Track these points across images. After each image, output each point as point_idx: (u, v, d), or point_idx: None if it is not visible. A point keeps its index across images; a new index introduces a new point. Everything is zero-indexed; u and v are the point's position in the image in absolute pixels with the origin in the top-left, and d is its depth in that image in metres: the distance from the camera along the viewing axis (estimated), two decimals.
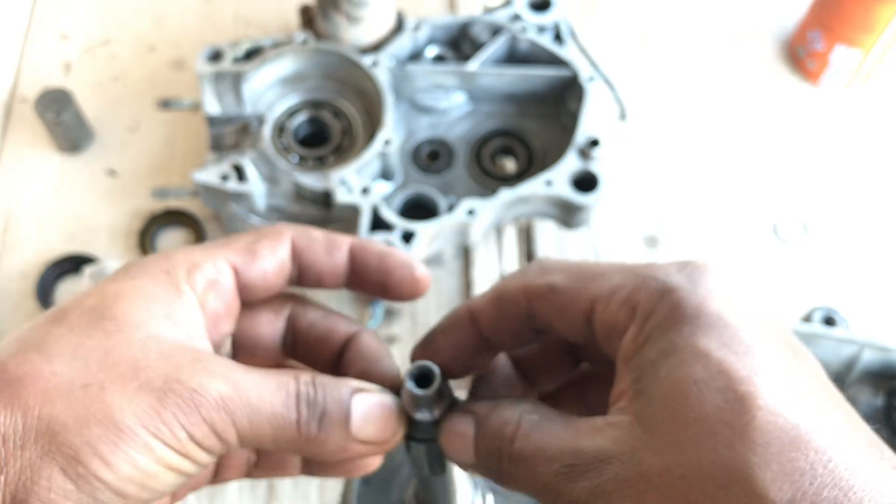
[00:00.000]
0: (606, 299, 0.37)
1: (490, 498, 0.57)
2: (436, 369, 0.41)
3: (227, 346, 0.46)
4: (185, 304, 0.40)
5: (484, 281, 0.97)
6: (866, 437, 0.32)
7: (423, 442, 0.43)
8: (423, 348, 0.44)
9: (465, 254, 0.99)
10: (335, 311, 0.47)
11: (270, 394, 0.38)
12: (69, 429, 0.34)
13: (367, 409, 0.40)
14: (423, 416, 0.41)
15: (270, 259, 0.43)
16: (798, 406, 0.31)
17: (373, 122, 0.96)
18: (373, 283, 0.45)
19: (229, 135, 0.96)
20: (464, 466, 0.42)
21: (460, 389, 0.45)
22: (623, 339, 0.36)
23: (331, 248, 0.44)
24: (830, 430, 0.31)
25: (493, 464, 0.39)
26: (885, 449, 0.32)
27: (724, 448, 0.30)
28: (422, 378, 0.41)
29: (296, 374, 0.39)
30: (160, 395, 0.35)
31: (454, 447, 0.41)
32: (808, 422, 0.31)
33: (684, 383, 0.32)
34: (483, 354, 0.44)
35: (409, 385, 0.41)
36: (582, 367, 0.46)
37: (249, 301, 0.45)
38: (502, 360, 0.46)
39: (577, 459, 0.34)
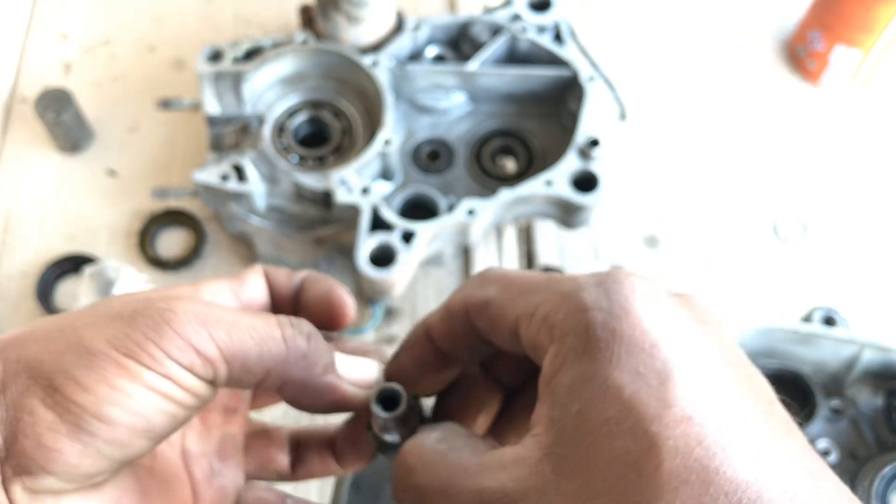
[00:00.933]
0: (528, 318, 0.36)
1: None
2: (402, 392, 0.40)
3: None
4: None
5: None
6: (791, 452, 0.31)
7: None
8: (390, 365, 0.44)
9: (465, 254, 0.99)
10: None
11: (248, 315, 0.39)
12: (44, 363, 0.35)
13: (346, 357, 0.42)
14: (391, 437, 0.41)
15: (257, 279, 0.45)
16: (714, 435, 0.30)
17: (373, 122, 0.96)
18: (300, 304, 0.46)
19: (229, 135, 0.96)
20: None
21: None
22: (544, 359, 0.35)
23: (290, 275, 0.46)
24: (747, 457, 0.30)
25: (400, 496, 0.38)
26: (813, 461, 0.31)
27: (633, 495, 0.30)
28: (388, 400, 0.40)
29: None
30: (129, 320, 0.36)
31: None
32: (721, 454, 0.30)
33: (595, 423, 0.31)
34: (446, 368, 0.43)
35: (375, 408, 0.40)
36: None
37: None
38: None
39: (482, 501, 0.33)
